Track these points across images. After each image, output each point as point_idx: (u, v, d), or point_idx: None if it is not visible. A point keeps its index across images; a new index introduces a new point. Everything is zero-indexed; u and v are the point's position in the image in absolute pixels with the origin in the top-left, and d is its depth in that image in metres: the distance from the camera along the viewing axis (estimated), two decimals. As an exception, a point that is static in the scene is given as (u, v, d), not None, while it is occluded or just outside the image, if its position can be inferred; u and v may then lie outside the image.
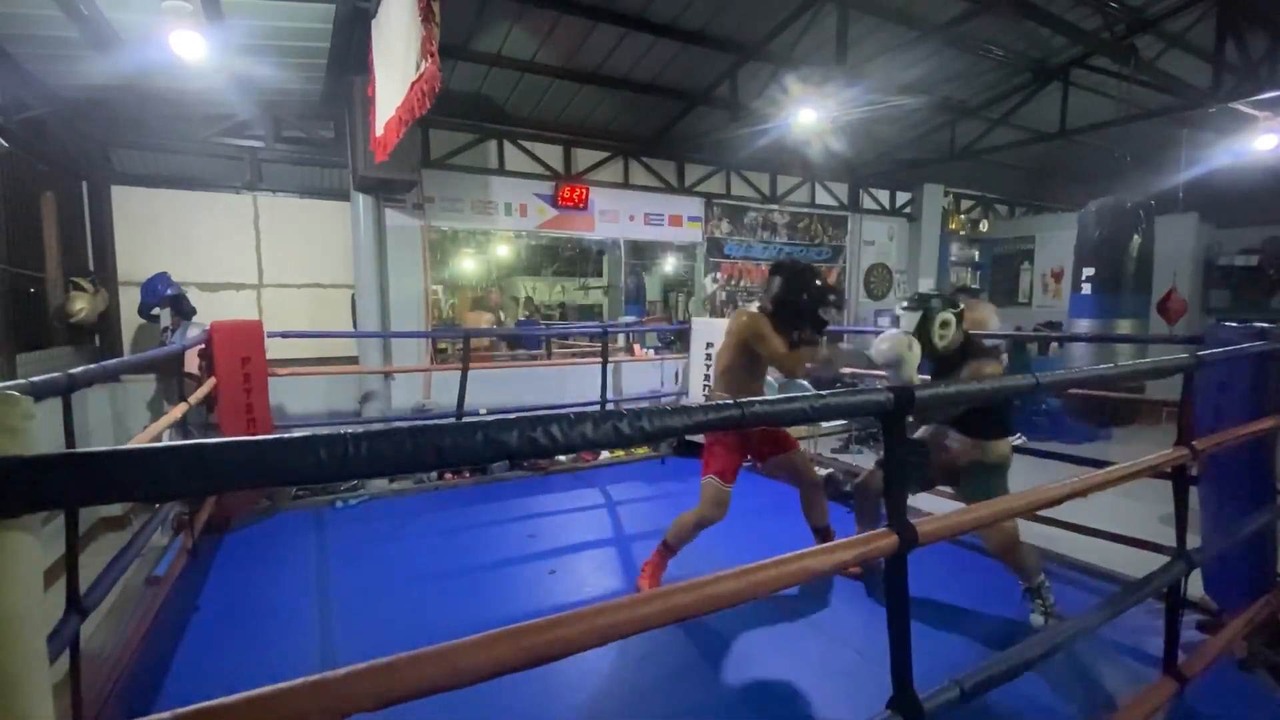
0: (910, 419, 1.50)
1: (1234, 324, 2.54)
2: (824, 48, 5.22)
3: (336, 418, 5.46)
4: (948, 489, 3.14)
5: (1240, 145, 6.28)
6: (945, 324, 2.77)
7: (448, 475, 4.97)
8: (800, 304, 2.89)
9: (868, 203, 8.94)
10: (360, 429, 0.74)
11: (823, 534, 3.14)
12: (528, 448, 0.85)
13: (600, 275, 11.06)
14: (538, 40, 5.24)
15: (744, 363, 2.93)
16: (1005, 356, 6.72)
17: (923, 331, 2.77)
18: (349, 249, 5.65)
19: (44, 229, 4.53)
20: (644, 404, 2.32)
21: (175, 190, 5.25)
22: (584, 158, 6.83)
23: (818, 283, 2.95)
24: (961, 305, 2.86)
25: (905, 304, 2.86)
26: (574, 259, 11.73)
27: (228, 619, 2.81)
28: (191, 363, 4.07)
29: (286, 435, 0.73)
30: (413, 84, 2.75)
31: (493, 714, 2.13)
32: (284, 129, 5.48)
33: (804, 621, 2.77)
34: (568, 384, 6.19)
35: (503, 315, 8.76)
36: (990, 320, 6.68)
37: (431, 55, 2.55)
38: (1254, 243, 8.32)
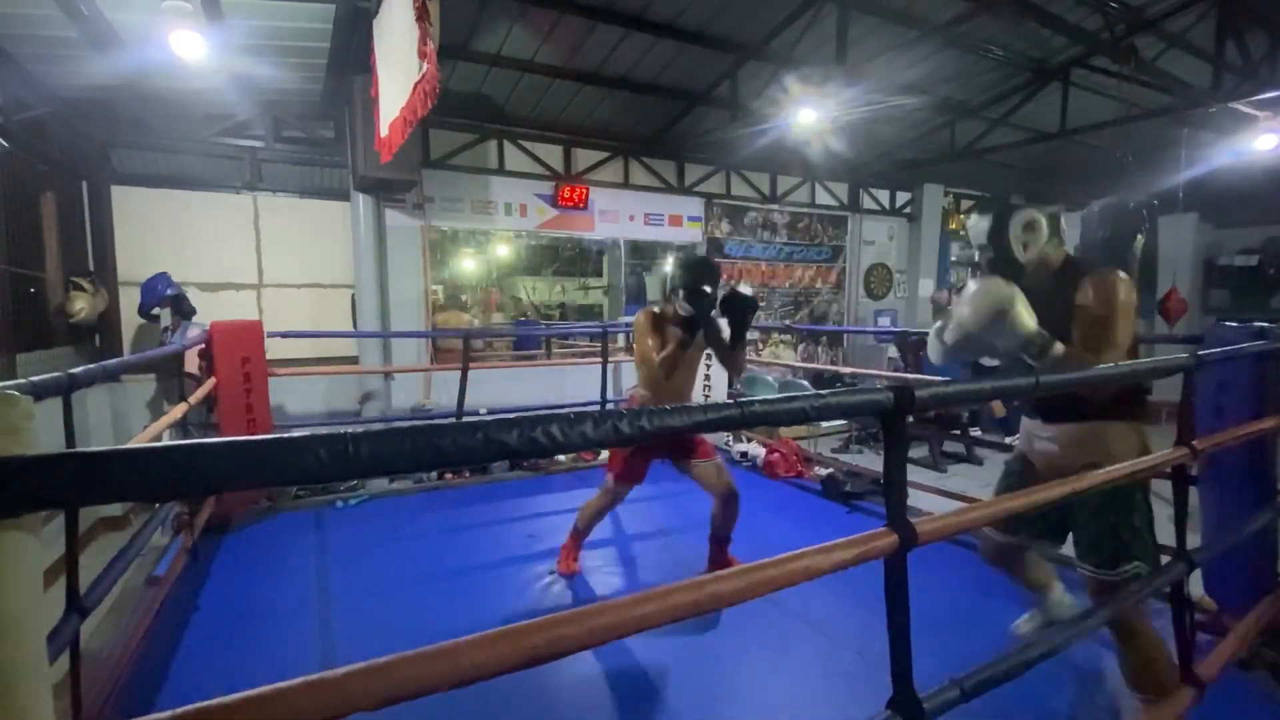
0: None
1: (1234, 324, 2.54)
2: (824, 48, 5.21)
3: (336, 418, 5.47)
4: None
5: (1240, 145, 6.28)
6: (1030, 225, 1.85)
7: (448, 475, 4.96)
8: (673, 299, 2.82)
9: (868, 203, 8.93)
10: (360, 429, 0.74)
11: (717, 543, 3.01)
12: (528, 448, 0.85)
13: (600, 275, 11.04)
14: (538, 40, 5.24)
15: (642, 358, 2.94)
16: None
17: (997, 243, 1.89)
18: (349, 249, 5.65)
19: (44, 229, 4.53)
20: (644, 404, 2.31)
21: (175, 190, 5.24)
22: (584, 158, 6.83)
23: (696, 278, 2.76)
24: (1057, 206, 1.93)
25: (976, 211, 2.03)
26: (574, 259, 11.72)
27: (228, 619, 2.81)
28: (191, 363, 4.07)
29: (286, 435, 0.73)
30: (415, 85, 2.75)
31: (493, 714, 2.14)
32: (284, 129, 5.48)
33: (804, 621, 2.77)
34: (568, 384, 6.19)
35: (474, 322, 8.88)
36: None
37: (427, 56, 2.55)
38: (1254, 243, 8.33)
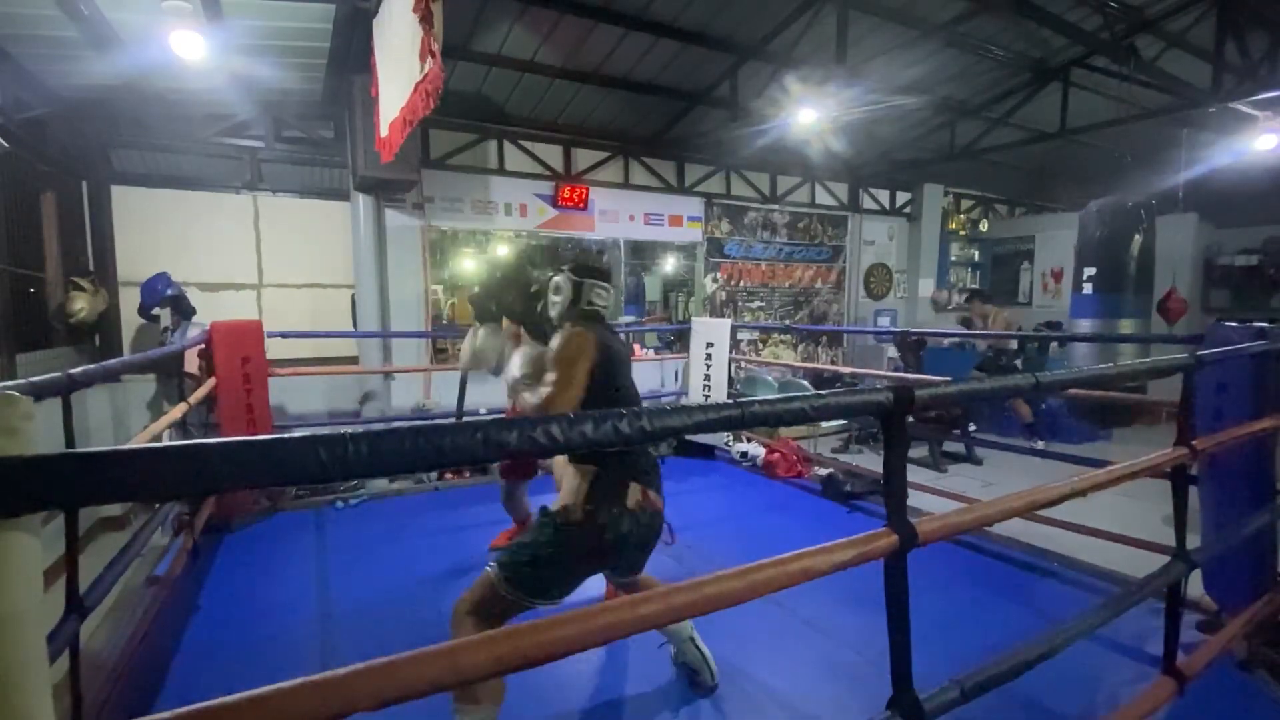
0: None
1: (1234, 324, 2.54)
2: (824, 48, 5.21)
3: (336, 418, 5.46)
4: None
5: (1240, 145, 6.28)
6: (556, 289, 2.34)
7: (448, 475, 4.96)
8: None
9: (868, 203, 8.93)
10: (360, 429, 0.74)
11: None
12: (528, 448, 0.85)
13: (600, 275, 11.03)
14: (538, 40, 5.24)
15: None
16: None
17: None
18: (349, 249, 5.65)
19: (44, 229, 4.53)
20: (644, 404, 2.31)
21: (175, 190, 5.24)
22: (584, 158, 6.83)
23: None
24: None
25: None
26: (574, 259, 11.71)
27: (228, 619, 2.81)
28: (191, 363, 4.07)
29: (286, 435, 0.73)
30: (417, 85, 2.75)
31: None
32: (284, 129, 5.47)
33: (804, 621, 2.77)
34: (568, 384, 6.17)
35: None
36: (996, 319, 6.64)
37: (433, 56, 2.54)
38: (1254, 243, 8.31)
